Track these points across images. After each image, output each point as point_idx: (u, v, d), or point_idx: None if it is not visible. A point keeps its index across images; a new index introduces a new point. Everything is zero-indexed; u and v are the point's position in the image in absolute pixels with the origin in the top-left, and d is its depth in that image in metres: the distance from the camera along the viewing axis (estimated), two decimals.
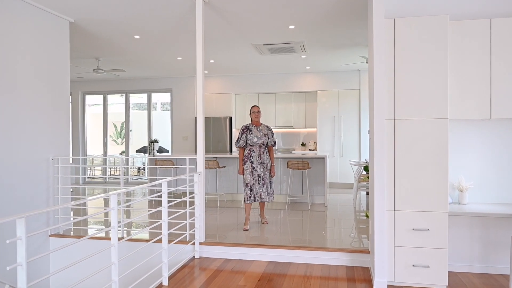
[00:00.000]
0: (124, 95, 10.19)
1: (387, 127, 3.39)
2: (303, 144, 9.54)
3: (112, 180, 10.71)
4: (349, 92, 8.95)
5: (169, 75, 9.49)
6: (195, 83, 9.63)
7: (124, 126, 10.29)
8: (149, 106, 10.06)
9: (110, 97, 10.35)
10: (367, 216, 4.02)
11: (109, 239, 4.49)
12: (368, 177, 4.08)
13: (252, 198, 5.02)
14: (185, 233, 4.31)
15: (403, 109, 3.36)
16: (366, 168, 4.60)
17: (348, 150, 8.96)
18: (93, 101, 10.87)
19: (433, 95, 3.29)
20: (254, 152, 4.97)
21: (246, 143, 4.98)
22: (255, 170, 4.97)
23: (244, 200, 5.07)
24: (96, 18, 5.09)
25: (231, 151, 9.40)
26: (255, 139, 4.94)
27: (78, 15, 4.99)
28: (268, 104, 9.62)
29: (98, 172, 11.51)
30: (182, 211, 4.25)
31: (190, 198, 4.34)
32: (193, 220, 4.31)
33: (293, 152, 9.03)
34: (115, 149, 14.00)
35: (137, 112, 12.40)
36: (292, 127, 9.50)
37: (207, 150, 9.35)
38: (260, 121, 5.16)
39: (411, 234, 3.32)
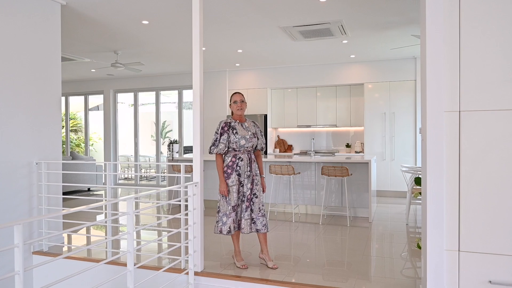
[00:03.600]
0: (154, 92, 9.62)
1: (448, 123, 2.24)
2: (348, 145, 8.31)
3: (145, 182, 10.22)
4: (403, 84, 7.58)
5: None
6: (226, 77, 8.78)
7: (158, 125, 9.71)
8: (180, 103, 9.38)
9: (149, 96, 9.84)
10: (418, 247, 2.88)
11: (93, 260, 3.75)
12: (420, 193, 2.92)
13: (235, 226, 3.47)
14: (179, 259, 3.43)
15: (474, 96, 2.18)
16: (418, 181, 3.40)
17: (401, 152, 7.60)
18: (142, 101, 10.46)
19: None
20: (241, 160, 3.45)
21: (228, 147, 3.49)
22: (242, 186, 3.47)
23: (229, 231, 3.42)
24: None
25: (266, 153, 8.42)
26: (242, 141, 3.43)
27: None
28: (307, 99, 8.50)
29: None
30: (175, 231, 3.37)
31: (186, 215, 3.44)
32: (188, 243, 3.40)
33: (335, 154, 7.86)
34: (155, 150, 13.63)
35: (183, 112, 11.71)
36: (335, 126, 8.30)
37: None
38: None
39: None
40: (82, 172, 3.90)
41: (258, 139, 3.60)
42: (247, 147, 3.49)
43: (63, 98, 10.54)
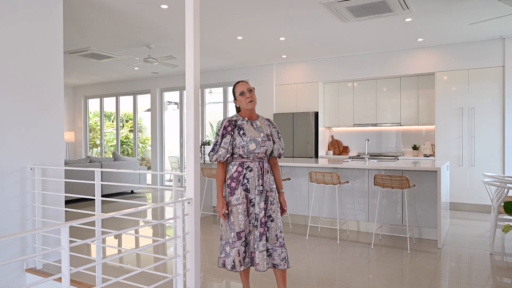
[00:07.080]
0: (199, 90, 9.08)
1: None
2: (415, 147, 6.98)
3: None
4: (486, 71, 6.11)
5: (243, 64, 7.98)
6: (273, 71, 7.92)
7: (204, 124, 9.17)
8: (225, 101, 8.72)
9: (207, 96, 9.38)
10: None
11: (82, 284, 3.14)
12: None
13: (247, 260, 2.59)
14: None
15: None
16: (508, 208, 2.23)
17: (484, 156, 6.14)
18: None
19: None
20: (250, 171, 2.58)
21: (233, 153, 2.63)
22: (253, 206, 2.60)
23: (234, 267, 2.54)
24: None
25: (316, 155, 7.42)
26: (252, 146, 2.57)
27: None
28: (366, 94, 7.32)
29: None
30: (166, 259, 2.61)
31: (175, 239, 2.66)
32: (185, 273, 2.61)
33: (399, 158, 6.61)
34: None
35: (229, 110, 11.18)
36: (399, 124, 7.02)
37: (287, 154, 7.56)
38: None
39: None
40: (71, 180, 3.32)
41: (274, 142, 2.70)
42: (259, 153, 2.60)
43: (113, 99, 10.46)
